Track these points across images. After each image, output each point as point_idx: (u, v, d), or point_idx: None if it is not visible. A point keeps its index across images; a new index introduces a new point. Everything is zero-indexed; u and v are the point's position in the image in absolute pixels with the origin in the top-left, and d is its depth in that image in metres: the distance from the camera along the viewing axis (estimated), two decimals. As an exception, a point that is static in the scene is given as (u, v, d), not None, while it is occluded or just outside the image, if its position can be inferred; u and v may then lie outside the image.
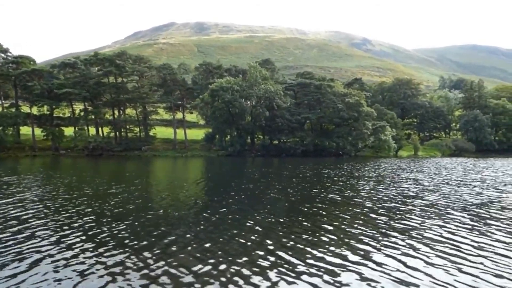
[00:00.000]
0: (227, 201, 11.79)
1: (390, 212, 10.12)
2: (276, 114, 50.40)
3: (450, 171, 25.95)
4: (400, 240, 7.02)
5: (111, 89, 47.65)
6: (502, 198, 12.58)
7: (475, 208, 10.67)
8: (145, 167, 30.77)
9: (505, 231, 7.82)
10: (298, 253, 6.34)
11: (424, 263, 5.87)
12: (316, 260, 5.98)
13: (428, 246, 6.71)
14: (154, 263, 5.71)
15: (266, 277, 5.22)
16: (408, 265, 5.68)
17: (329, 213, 9.98)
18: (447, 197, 12.62)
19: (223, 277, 5.20)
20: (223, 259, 5.91)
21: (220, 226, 8.01)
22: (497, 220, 8.98)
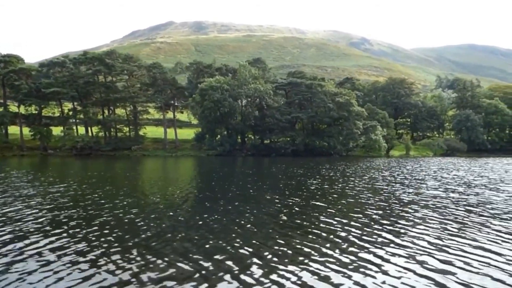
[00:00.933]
0: (212, 201, 11.75)
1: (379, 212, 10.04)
2: (266, 113, 50.35)
3: (411, 170, 25.84)
4: (394, 240, 6.90)
5: (100, 88, 47.51)
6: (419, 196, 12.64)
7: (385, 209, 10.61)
8: (131, 166, 30.63)
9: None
10: (292, 252, 6.26)
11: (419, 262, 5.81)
12: (307, 258, 5.90)
13: (422, 246, 6.69)
14: (140, 263, 5.58)
15: (256, 277, 5.13)
16: (405, 266, 5.60)
17: (321, 212, 9.92)
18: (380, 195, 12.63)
19: (213, 276, 5.12)
20: (213, 258, 5.81)
21: (207, 228, 7.88)
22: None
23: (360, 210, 10.26)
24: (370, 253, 6.14)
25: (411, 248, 6.46)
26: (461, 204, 11.41)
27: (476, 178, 20.38)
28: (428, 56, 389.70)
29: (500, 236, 7.30)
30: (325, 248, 6.41)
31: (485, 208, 10.67)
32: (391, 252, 6.23)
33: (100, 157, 45.66)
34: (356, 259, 5.85)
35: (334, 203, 11.50)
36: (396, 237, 7.22)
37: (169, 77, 53.55)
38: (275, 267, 5.45)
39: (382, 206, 11.07)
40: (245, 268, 5.42)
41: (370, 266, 5.52)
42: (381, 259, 5.86)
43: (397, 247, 6.49)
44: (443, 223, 8.57)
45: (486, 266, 5.59)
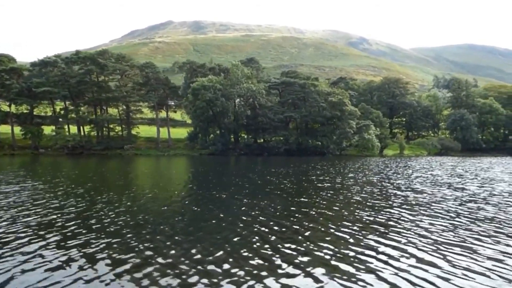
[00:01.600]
0: (197, 200, 11.75)
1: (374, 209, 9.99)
2: (258, 113, 50.34)
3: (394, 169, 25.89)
4: (387, 242, 6.83)
5: (92, 87, 47.46)
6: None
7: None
8: (118, 166, 30.63)
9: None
10: (284, 252, 6.21)
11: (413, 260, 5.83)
12: (301, 256, 5.90)
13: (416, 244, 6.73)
14: (134, 263, 5.54)
15: (254, 276, 5.10)
16: (398, 266, 5.55)
17: (311, 212, 9.85)
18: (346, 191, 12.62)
19: (207, 276, 5.08)
20: (207, 258, 5.75)
21: (195, 227, 7.84)
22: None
23: (344, 211, 10.16)
24: (360, 255, 6.04)
25: (399, 251, 6.36)
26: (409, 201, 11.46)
27: (444, 177, 20.39)
28: (426, 56, 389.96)
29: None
30: (320, 253, 6.22)
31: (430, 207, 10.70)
32: (383, 252, 6.16)
33: (92, 156, 45.59)
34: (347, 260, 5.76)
35: (320, 204, 11.27)
36: (384, 237, 7.16)
37: (162, 76, 53.50)
38: (276, 269, 5.36)
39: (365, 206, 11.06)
40: (241, 269, 5.33)
41: (363, 268, 5.46)
42: (375, 259, 5.79)
43: (385, 248, 6.42)
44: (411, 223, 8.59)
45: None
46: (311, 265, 5.55)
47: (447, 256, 6.01)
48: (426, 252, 6.21)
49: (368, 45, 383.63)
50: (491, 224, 8.40)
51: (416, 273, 5.28)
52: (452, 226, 8.12)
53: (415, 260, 5.78)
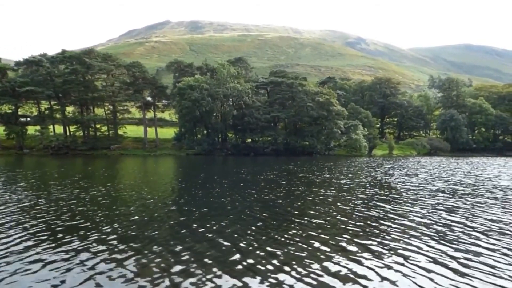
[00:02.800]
0: (175, 200, 11.66)
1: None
2: (245, 113, 50.23)
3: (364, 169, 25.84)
4: (377, 245, 6.71)
5: (77, 87, 47.27)
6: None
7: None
8: (106, 165, 30.51)
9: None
10: (274, 253, 6.17)
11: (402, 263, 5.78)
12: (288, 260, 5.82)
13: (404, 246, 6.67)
14: (122, 265, 5.53)
15: (239, 279, 5.06)
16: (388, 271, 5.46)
17: (299, 213, 9.74)
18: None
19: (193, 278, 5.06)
20: (194, 261, 5.70)
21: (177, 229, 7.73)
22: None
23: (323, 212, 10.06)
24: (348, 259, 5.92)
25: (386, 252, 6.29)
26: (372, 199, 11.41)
27: (413, 177, 20.38)
28: (424, 56, 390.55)
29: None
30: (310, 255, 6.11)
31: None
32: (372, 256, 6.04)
33: (77, 157, 45.44)
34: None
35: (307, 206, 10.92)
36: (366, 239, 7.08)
37: (149, 76, 53.34)
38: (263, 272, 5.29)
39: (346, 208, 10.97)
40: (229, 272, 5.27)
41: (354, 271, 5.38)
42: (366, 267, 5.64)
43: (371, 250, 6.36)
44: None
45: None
46: (304, 267, 5.53)
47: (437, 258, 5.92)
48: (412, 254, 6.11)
49: (365, 45, 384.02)
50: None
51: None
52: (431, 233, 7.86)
53: (402, 263, 5.70)
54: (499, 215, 9.35)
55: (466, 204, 11.13)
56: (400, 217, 9.14)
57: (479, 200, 12.01)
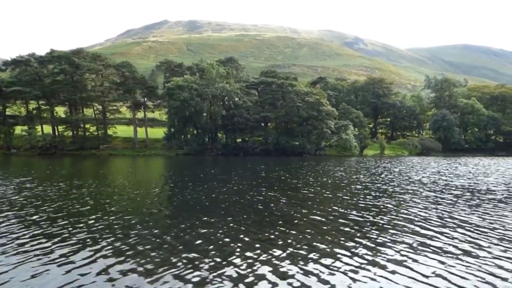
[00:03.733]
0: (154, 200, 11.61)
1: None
2: (234, 113, 50.15)
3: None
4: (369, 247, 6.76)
5: (66, 87, 47.13)
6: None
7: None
8: (91, 165, 30.42)
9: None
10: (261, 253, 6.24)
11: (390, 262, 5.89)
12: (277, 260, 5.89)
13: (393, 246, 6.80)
14: (111, 266, 5.58)
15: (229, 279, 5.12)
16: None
17: (285, 213, 9.80)
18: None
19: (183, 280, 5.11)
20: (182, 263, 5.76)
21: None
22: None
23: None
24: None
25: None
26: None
27: (392, 177, 20.39)
28: (422, 56, 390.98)
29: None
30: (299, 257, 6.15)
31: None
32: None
33: (65, 157, 45.32)
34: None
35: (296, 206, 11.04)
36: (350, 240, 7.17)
37: (139, 76, 53.22)
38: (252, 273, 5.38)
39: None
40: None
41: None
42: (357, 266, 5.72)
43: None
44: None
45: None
46: (294, 265, 5.65)
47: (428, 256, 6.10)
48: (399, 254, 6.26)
49: (363, 45, 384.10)
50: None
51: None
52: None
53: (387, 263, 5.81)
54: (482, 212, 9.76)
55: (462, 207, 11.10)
56: (386, 216, 9.29)
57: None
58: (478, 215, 9.62)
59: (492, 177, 20.85)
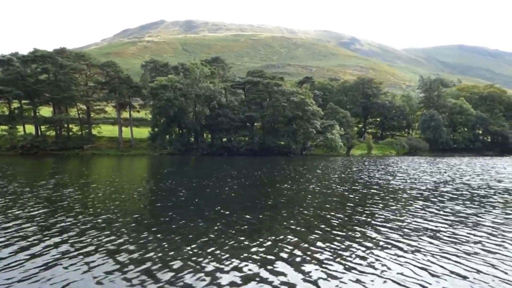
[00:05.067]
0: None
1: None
2: (219, 112, 50.02)
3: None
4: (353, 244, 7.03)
5: (48, 86, 46.84)
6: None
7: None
8: (69, 166, 30.17)
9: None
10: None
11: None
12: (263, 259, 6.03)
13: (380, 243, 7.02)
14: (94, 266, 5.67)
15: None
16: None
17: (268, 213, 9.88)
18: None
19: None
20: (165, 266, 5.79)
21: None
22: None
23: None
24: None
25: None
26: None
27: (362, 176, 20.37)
28: (418, 57, 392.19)
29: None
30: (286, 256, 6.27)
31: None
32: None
33: (47, 157, 45.04)
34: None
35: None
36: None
37: (124, 76, 52.98)
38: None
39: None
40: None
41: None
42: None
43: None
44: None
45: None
46: (276, 260, 5.87)
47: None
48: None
49: (359, 46, 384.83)
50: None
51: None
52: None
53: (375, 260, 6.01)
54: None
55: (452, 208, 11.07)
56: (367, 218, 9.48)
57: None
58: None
59: (448, 175, 20.92)
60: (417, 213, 9.90)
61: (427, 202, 11.87)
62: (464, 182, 18.12)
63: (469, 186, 16.21)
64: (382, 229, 7.97)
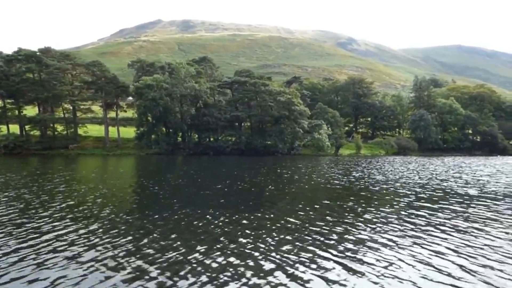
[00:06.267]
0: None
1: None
2: (204, 112, 49.92)
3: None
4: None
5: (32, 86, 46.62)
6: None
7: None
8: (50, 166, 30.01)
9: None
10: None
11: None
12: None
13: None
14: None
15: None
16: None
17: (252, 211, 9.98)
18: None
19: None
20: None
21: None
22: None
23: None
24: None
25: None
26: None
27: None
28: (415, 57, 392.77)
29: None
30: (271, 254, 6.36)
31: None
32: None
33: (31, 156, 44.85)
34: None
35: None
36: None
37: (110, 75, 52.81)
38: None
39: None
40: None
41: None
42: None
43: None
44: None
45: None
46: (263, 260, 5.92)
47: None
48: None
49: (357, 46, 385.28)
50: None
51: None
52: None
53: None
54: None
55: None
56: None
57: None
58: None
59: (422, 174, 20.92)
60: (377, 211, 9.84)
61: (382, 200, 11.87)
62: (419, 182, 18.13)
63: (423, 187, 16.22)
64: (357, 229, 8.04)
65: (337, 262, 5.86)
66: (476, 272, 5.57)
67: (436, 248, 6.68)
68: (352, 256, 6.19)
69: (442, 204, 11.53)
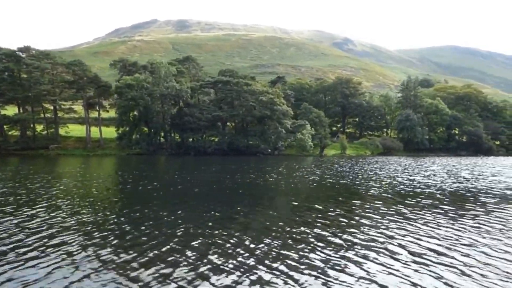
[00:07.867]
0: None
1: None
2: (185, 112, 49.68)
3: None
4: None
5: (10, 85, 46.18)
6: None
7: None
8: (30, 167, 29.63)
9: None
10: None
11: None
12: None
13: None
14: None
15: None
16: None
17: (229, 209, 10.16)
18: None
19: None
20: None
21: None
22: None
23: None
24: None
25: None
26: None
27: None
28: (411, 58, 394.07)
29: None
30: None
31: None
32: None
33: (9, 157, 44.41)
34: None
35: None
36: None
37: (91, 74, 52.42)
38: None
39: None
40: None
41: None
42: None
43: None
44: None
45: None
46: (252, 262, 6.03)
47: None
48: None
49: (352, 46, 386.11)
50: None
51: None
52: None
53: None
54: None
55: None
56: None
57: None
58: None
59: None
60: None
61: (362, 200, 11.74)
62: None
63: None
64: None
65: (324, 261, 6.05)
66: (466, 270, 5.80)
67: (421, 250, 6.80)
68: (340, 255, 6.36)
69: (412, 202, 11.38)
